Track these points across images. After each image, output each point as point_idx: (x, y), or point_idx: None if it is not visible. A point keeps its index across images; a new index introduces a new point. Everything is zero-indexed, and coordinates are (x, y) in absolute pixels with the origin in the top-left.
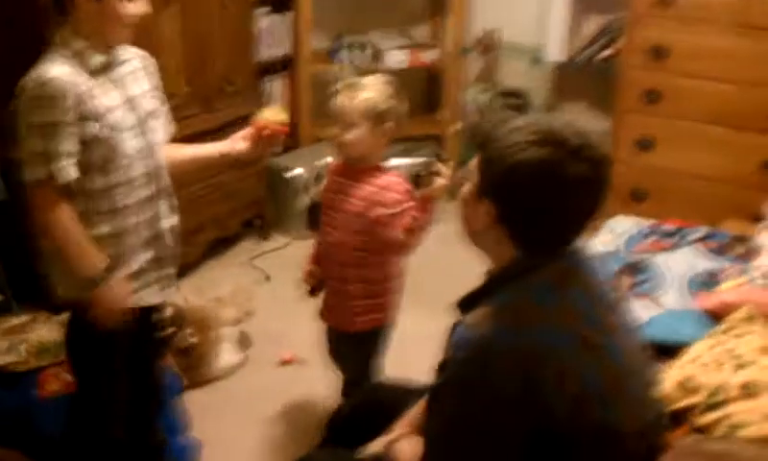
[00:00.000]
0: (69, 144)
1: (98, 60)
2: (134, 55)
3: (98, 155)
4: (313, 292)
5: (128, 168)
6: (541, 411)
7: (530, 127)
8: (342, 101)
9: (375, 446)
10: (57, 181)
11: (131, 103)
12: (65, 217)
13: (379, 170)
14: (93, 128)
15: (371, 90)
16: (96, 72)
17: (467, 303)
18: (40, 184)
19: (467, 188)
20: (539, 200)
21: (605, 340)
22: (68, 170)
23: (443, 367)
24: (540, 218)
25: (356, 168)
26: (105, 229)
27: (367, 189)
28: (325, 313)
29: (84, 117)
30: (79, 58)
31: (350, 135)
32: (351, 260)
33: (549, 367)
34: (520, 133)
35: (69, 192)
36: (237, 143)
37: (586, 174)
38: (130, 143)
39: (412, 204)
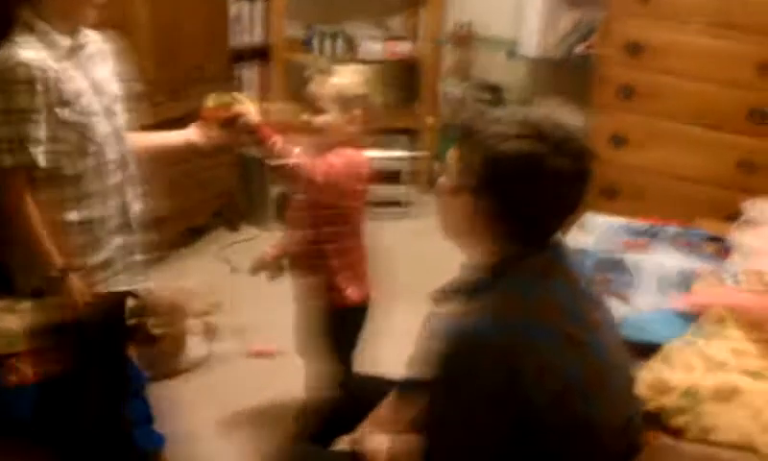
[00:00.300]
0: (39, 131)
1: (65, 43)
2: (96, 37)
3: (67, 141)
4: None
5: (97, 154)
6: (522, 404)
7: (511, 119)
8: (312, 85)
9: (345, 442)
10: (25, 168)
11: (97, 87)
12: (28, 209)
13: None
14: (63, 113)
15: (340, 77)
16: (63, 56)
17: (445, 296)
18: (6, 173)
19: (444, 181)
20: (520, 193)
21: (588, 336)
22: (38, 158)
23: (424, 360)
24: (522, 211)
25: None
26: (74, 216)
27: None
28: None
29: (54, 103)
30: (45, 41)
31: (319, 120)
32: (327, 234)
33: (530, 361)
34: (501, 125)
35: (36, 181)
36: (191, 133)
37: (568, 167)
38: (98, 128)
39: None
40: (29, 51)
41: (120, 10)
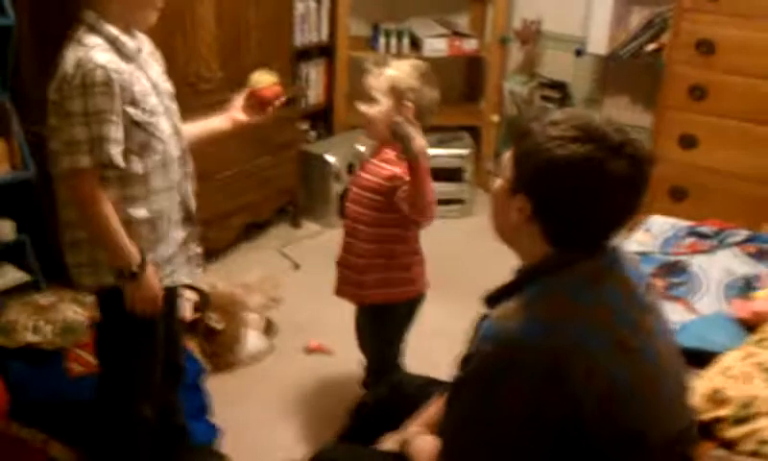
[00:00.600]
0: (118, 132)
1: (131, 44)
2: (144, 38)
3: (137, 141)
4: None
5: (163, 152)
6: (568, 410)
7: (569, 121)
8: (368, 77)
9: (390, 442)
10: (101, 168)
11: (156, 87)
12: (107, 208)
13: (391, 147)
14: (134, 114)
15: (394, 69)
16: (130, 57)
17: (495, 298)
18: (81, 173)
19: (499, 182)
20: (576, 197)
21: (639, 342)
22: (117, 158)
23: (466, 361)
24: (577, 216)
25: (379, 147)
26: (142, 213)
27: (374, 164)
28: (341, 287)
29: (126, 103)
30: (115, 43)
31: (371, 110)
32: (365, 234)
33: (578, 365)
34: (559, 127)
35: (107, 179)
36: (237, 112)
37: (626, 172)
38: (163, 127)
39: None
40: (103, 54)
41: (187, 9)
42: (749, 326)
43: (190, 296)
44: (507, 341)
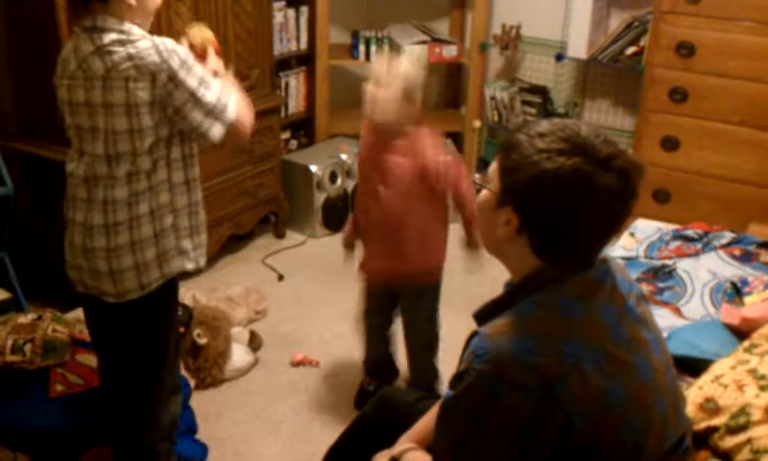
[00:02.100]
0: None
1: None
2: None
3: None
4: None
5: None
6: (561, 426)
7: (556, 133)
8: (380, 64)
9: (383, 458)
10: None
11: None
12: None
13: (413, 139)
14: None
15: (407, 59)
16: None
17: (485, 315)
18: (235, 121)
19: (485, 195)
20: (564, 211)
21: (633, 356)
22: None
23: (458, 379)
24: (565, 229)
25: (390, 136)
26: (185, 200)
27: (403, 147)
28: (378, 272)
29: None
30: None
31: (383, 93)
32: (403, 219)
33: (572, 382)
34: (546, 139)
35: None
36: None
37: (614, 185)
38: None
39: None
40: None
41: (164, 21)
42: (739, 332)
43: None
44: (499, 359)
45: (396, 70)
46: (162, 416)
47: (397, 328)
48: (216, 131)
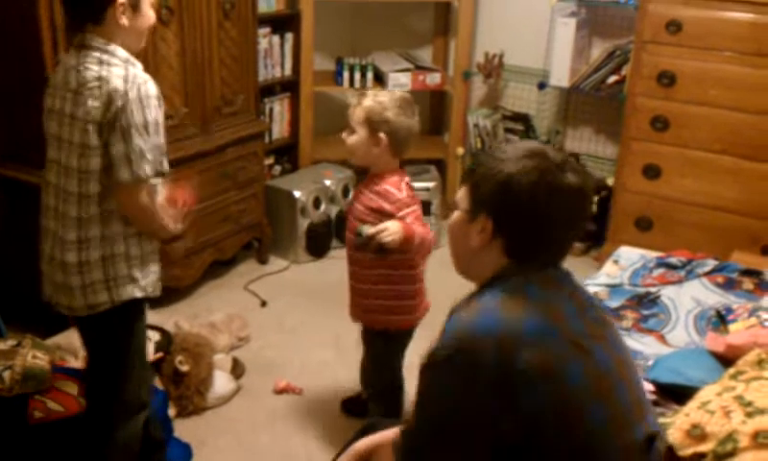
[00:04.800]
0: (163, 140)
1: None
2: None
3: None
4: None
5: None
6: (520, 400)
7: (514, 147)
8: (350, 108)
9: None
10: (159, 174)
11: None
12: (156, 203)
13: (381, 177)
14: None
15: (373, 100)
16: None
17: (460, 306)
18: (143, 182)
19: (456, 216)
20: (534, 207)
21: (592, 346)
22: (166, 165)
23: (429, 352)
24: (536, 225)
25: (368, 175)
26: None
27: (367, 196)
28: (352, 311)
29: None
30: (128, 63)
31: (349, 140)
32: (363, 262)
33: (533, 356)
34: (507, 152)
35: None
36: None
37: (574, 182)
38: None
39: (407, 212)
40: (139, 70)
41: (150, 48)
42: (724, 359)
43: (151, 336)
44: (464, 332)
45: (359, 114)
46: (119, 433)
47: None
48: (123, 176)
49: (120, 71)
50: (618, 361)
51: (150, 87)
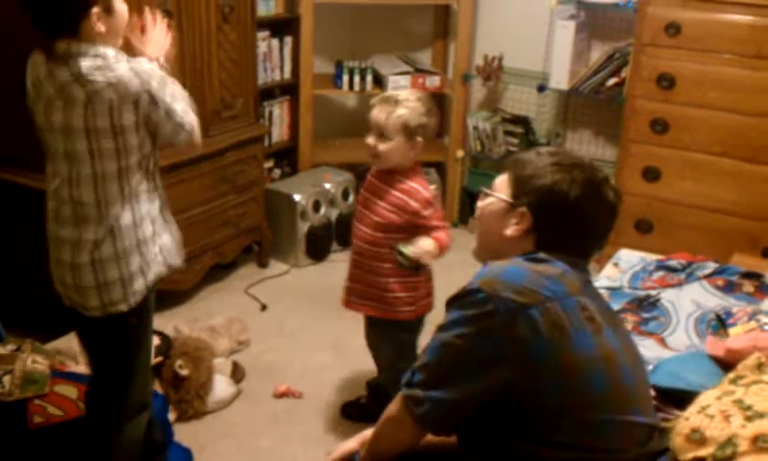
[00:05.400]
0: None
1: None
2: None
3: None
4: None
5: None
6: (531, 350)
7: (565, 154)
8: (378, 114)
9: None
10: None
11: None
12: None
13: (406, 176)
14: None
15: (405, 107)
16: None
17: None
18: (196, 128)
19: (492, 202)
20: (575, 215)
21: (603, 322)
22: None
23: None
24: (571, 232)
25: (388, 172)
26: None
27: (393, 194)
28: (355, 302)
29: None
30: (124, 58)
31: (384, 147)
32: (379, 255)
33: (547, 311)
34: (555, 157)
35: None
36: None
37: (613, 200)
38: None
39: (431, 212)
40: None
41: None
42: (724, 363)
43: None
44: (490, 274)
45: (395, 122)
46: (123, 434)
47: None
48: (183, 138)
49: (125, 68)
50: (628, 349)
51: (156, 69)
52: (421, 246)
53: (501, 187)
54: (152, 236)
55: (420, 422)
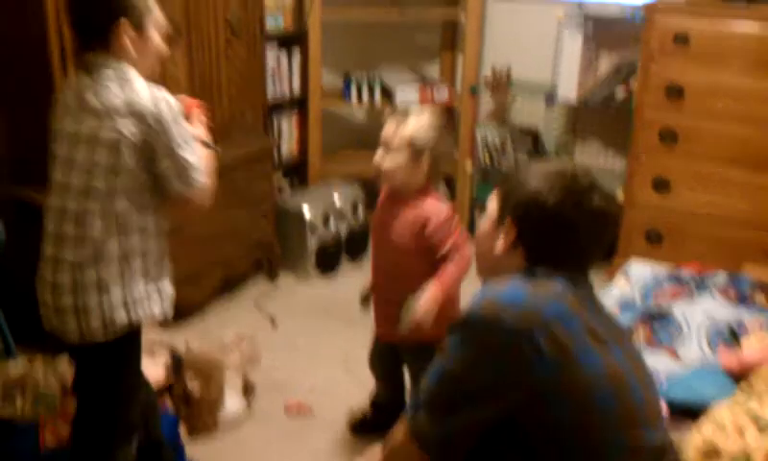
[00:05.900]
0: None
1: None
2: None
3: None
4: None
5: None
6: (537, 376)
7: (548, 164)
8: (388, 127)
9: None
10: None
11: None
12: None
13: (419, 197)
14: None
15: (415, 122)
16: None
17: None
18: (199, 188)
19: (484, 223)
20: (558, 222)
21: (609, 340)
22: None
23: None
24: (557, 240)
25: (400, 193)
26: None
27: (411, 215)
28: (380, 327)
29: None
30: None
31: (388, 162)
32: (399, 275)
33: (550, 333)
34: (540, 169)
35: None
36: None
37: (600, 206)
38: None
39: (442, 236)
40: None
41: (158, 68)
42: (736, 376)
43: (163, 358)
44: (489, 297)
45: (401, 137)
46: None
47: None
48: (176, 188)
49: (143, 86)
50: (636, 366)
51: (173, 105)
52: (421, 306)
53: (491, 205)
54: (142, 274)
55: (427, 450)
